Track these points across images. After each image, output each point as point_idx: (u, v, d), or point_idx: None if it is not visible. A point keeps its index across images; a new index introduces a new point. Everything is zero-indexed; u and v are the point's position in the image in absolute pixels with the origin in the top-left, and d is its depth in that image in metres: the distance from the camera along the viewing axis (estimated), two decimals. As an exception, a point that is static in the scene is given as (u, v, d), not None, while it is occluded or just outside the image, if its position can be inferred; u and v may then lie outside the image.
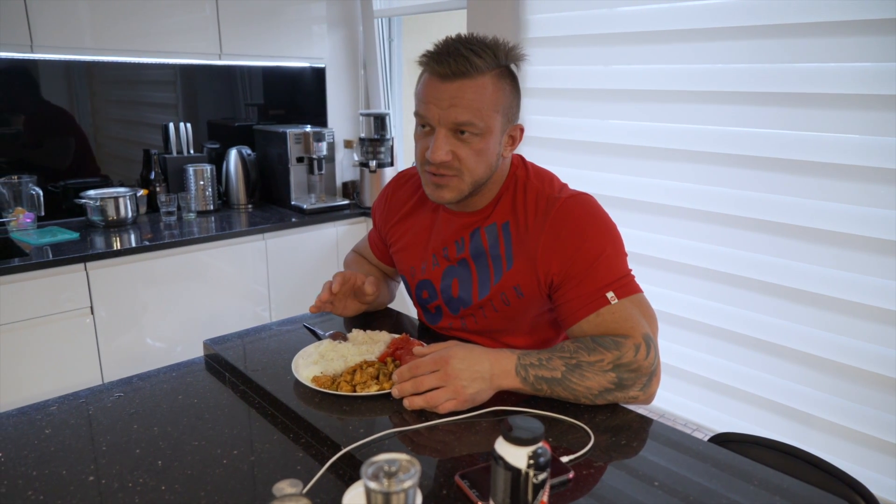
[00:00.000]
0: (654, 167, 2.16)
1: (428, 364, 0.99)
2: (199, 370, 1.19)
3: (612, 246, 1.10)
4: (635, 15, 2.11)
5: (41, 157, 2.58)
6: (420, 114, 1.11)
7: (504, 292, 1.16)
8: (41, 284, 2.09)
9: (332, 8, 3.12)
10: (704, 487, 0.83)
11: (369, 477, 0.55)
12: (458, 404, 0.98)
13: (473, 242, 1.20)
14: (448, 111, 1.06)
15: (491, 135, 1.09)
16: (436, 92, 1.07)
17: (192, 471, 0.86)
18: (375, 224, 1.44)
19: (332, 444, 0.91)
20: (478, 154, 1.09)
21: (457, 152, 1.08)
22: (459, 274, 1.22)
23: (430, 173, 1.12)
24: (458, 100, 1.05)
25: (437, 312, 1.30)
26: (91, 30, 2.34)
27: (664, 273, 2.18)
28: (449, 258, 1.23)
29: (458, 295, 1.23)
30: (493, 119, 1.08)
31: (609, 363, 1.01)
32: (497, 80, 1.08)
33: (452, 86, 1.05)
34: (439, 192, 1.13)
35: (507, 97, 1.10)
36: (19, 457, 0.90)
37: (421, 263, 1.29)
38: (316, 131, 2.92)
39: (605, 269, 1.08)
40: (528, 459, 0.68)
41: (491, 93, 1.07)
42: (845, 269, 1.79)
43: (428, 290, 1.29)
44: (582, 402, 1.02)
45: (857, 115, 1.71)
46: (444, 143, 1.08)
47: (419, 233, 1.30)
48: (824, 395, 1.89)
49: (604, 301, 1.06)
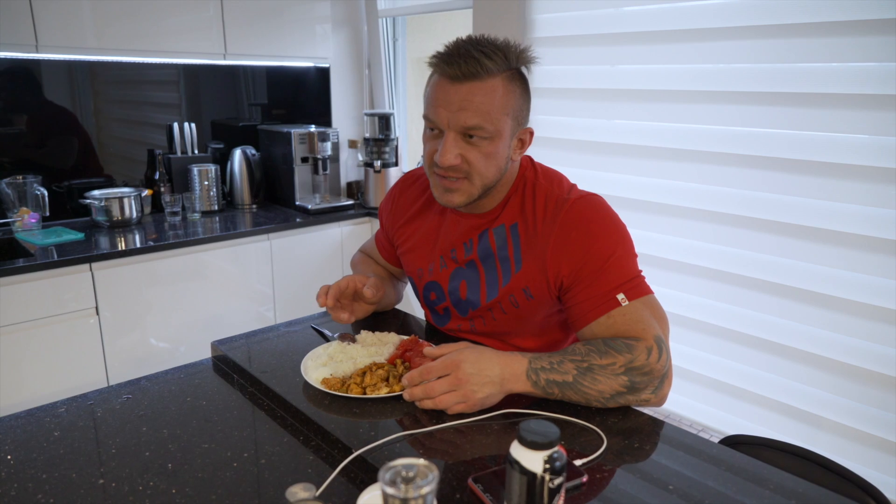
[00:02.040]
0: (659, 167, 2.15)
1: (438, 368, 0.98)
2: (206, 372, 1.19)
3: (622, 247, 1.09)
4: (641, 15, 2.10)
5: (46, 158, 2.58)
6: (429, 117, 1.10)
7: (513, 294, 1.16)
8: (46, 285, 2.09)
9: (336, 7, 3.11)
10: (719, 492, 0.82)
11: (387, 482, 0.55)
12: (468, 408, 0.97)
13: (481, 244, 1.19)
14: (457, 114, 1.05)
15: (500, 138, 1.08)
16: (445, 94, 1.06)
17: (202, 474, 0.86)
18: (382, 225, 1.43)
19: (342, 447, 0.90)
20: (487, 157, 1.08)
21: (466, 156, 1.07)
22: (467, 276, 1.22)
23: (438, 176, 1.12)
24: (468, 103, 1.04)
25: (446, 314, 1.29)
26: (95, 30, 2.33)
27: (668, 273, 2.17)
28: (457, 260, 1.23)
29: (466, 297, 1.22)
30: (502, 123, 1.07)
31: (621, 366, 1.00)
32: (507, 82, 1.07)
33: (462, 88, 1.04)
34: (448, 195, 1.12)
35: (518, 100, 1.09)
36: (28, 459, 0.89)
37: (428, 265, 1.28)
38: (320, 131, 2.91)
39: (616, 271, 1.07)
40: (545, 464, 0.67)
41: (501, 96, 1.06)
42: (852, 269, 1.79)
43: (436, 292, 1.28)
44: (593, 405, 1.01)
45: (864, 115, 1.70)
46: (452, 147, 1.07)
47: (427, 234, 1.29)
48: (832, 396, 1.88)
49: (615, 303, 1.06)
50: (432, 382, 0.98)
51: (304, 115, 3.29)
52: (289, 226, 2.70)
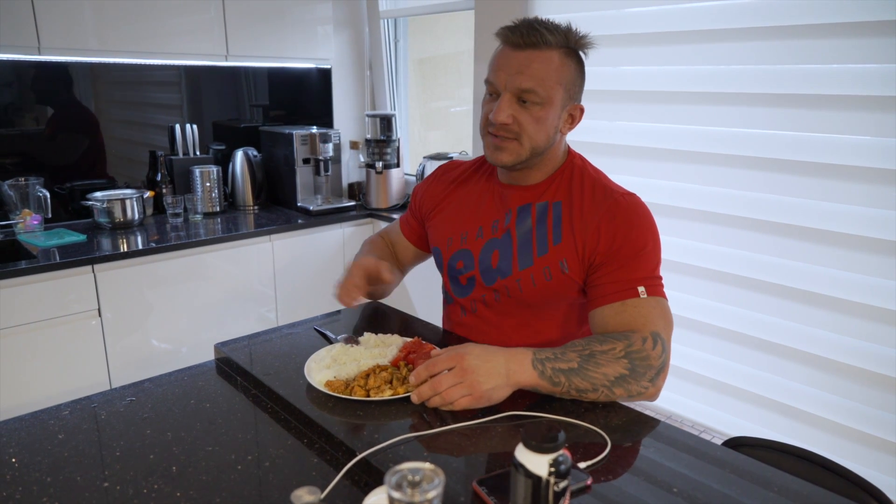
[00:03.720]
0: (660, 168, 2.15)
1: (444, 360, 0.99)
2: (209, 374, 1.19)
3: (653, 244, 1.16)
4: (643, 16, 2.10)
5: (48, 159, 2.58)
6: (489, 80, 1.17)
7: (548, 266, 1.19)
8: (48, 287, 2.09)
9: (337, 9, 3.11)
10: (724, 494, 0.82)
11: (393, 486, 0.55)
12: (474, 401, 0.98)
13: (521, 217, 1.23)
14: (515, 77, 1.12)
15: (551, 106, 1.14)
16: (506, 60, 1.14)
17: (206, 477, 0.86)
18: (414, 204, 1.46)
19: (347, 450, 0.90)
20: (537, 122, 1.14)
21: (518, 117, 1.14)
22: (501, 246, 1.25)
23: (491, 135, 1.17)
24: (526, 67, 1.12)
25: (469, 284, 1.30)
26: (97, 31, 2.34)
27: (670, 274, 2.16)
28: (496, 230, 1.26)
29: (497, 265, 1.24)
30: (555, 91, 1.13)
31: (621, 350, 1.04)
32: (564, 56, 1.14)
33: (522, 54, 1.13)
34: (498, 154, 1.18)
35: (572, 74, 1.16)
36: (33, 462, 0.89)
37: (461, 233, 1.31)
38: (322, 132, 2.92)
39: (644, 264, 1.13)
40: (550, 467, 0.67)
41: (557, 66, 1.13)
42: (855, 270, 1.78)
43: (464, 261, 1.30)
44: (600, 391, 1.02)
45: (866, 117, 1.70)
46: (507, 107, 1.14)
47: (465, 205, 1.33)
48: (834, 397, 1.88)
49: (633, 293, 1.10)
50: (439, 377, 0.98)
51: (305, 116, 3.29)
52: (290, 227, 2.70)
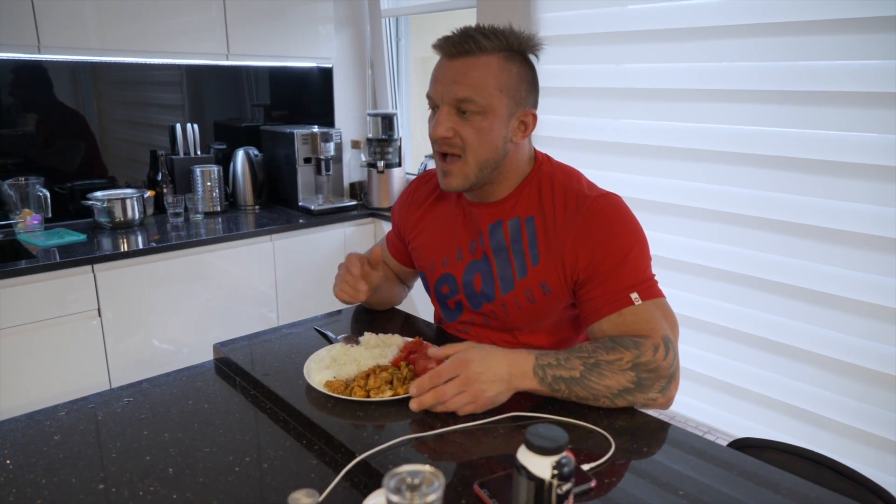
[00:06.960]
0: (665, 166, 2.13)
1: (448, 370, 0.97)
2: (208, 374, 1.17)
3: (639, 247, 1.10)
4: (647, 13, 2.08)
5: (48, 159, 2.57)
6: (428, 94, 1.13)
7: (530, 288, 1.15)
8: (48, 286, 2.08)
9: (339, 8, 3.10)
10: (731, 496, 0.80)
11: (392, 490, 0.53)
12: (477, 408, 0.96)
13: (494, 236, 1.19)
14: (450, 87, 1.08)
15: (494, 114, 1.09)
16: (442, 71, 1.10)
17: (203, 478, 0.85)
18: (395, 223, 1.43)
19: (346, 451, 0.88)
20: (480, 133, 1.09)
21: (459, 130, 1.09)
22: (481, 268, 1.21)
23: (439, 155, 1.14)
24: (461, 76, 1.07)
25: (457, 308, 1.28)
26: (98, 30, 2.33)
27: (673, 273, 2.15)
28: (474, 252, 1.23)
29: (480, 290, 1.22)
30: (495, 98, 1.08)
31: (628, 362, 1.00)
32: (503, 61, 1.08)
33: (457, 63, 1.08)
34: (446, 179, 1.15)
35: (514, 79, 1.10)
36: (28, 464, 0.88)
37: (442, 258, 1.28)
38: (323, 132, 2.90)
39: (632, 270, 1.08)
40: (552, 469, 0.65)
41: (495, 72, 1.07)
42: (861, 269, 1.76)
43: (449, 285, 1.27)
44: (601, 402, 1.00)
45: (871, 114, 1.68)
46: (445, 119, 1.09)
47: (442, 227, 1.29)
48: (839, 397, 1.86)
49: (627, 301, 1.06)
50: (443, 386, 0.96)
51: (306, 115, 3.28)
52: (292, 227, 2.69)
